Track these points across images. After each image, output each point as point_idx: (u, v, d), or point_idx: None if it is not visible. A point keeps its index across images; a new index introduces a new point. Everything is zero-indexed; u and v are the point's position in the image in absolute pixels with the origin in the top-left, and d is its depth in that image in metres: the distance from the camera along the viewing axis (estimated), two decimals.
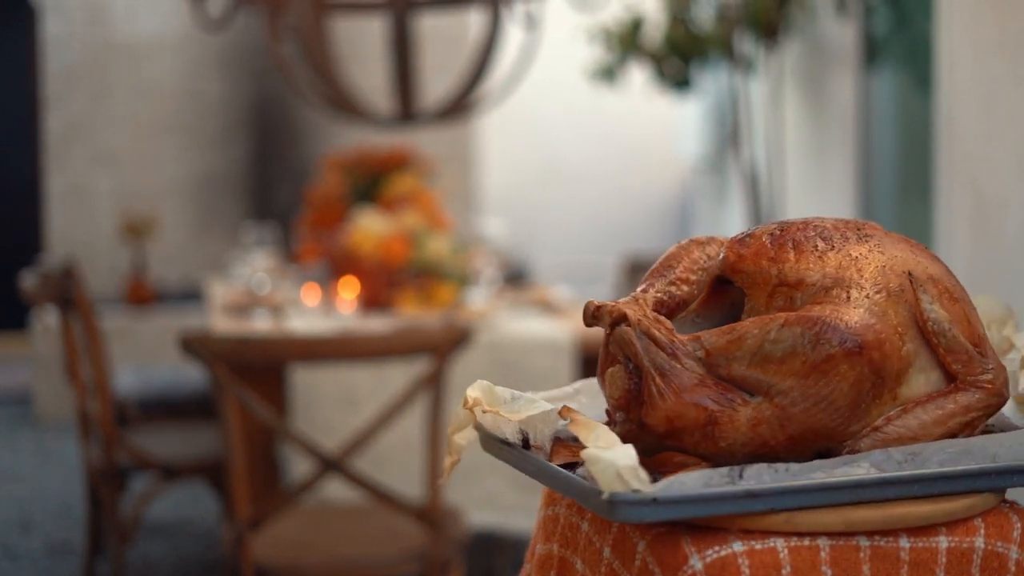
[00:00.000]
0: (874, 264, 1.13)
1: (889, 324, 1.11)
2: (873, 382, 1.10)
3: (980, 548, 1.07)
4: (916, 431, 1.11)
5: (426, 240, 3.94)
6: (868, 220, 1.24)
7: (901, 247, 1.17)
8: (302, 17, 4.22)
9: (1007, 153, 3.50)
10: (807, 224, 1.17)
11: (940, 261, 1.19)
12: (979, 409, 1.14)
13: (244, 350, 2.50)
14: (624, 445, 1.05)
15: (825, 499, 1.05)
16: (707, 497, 1.03)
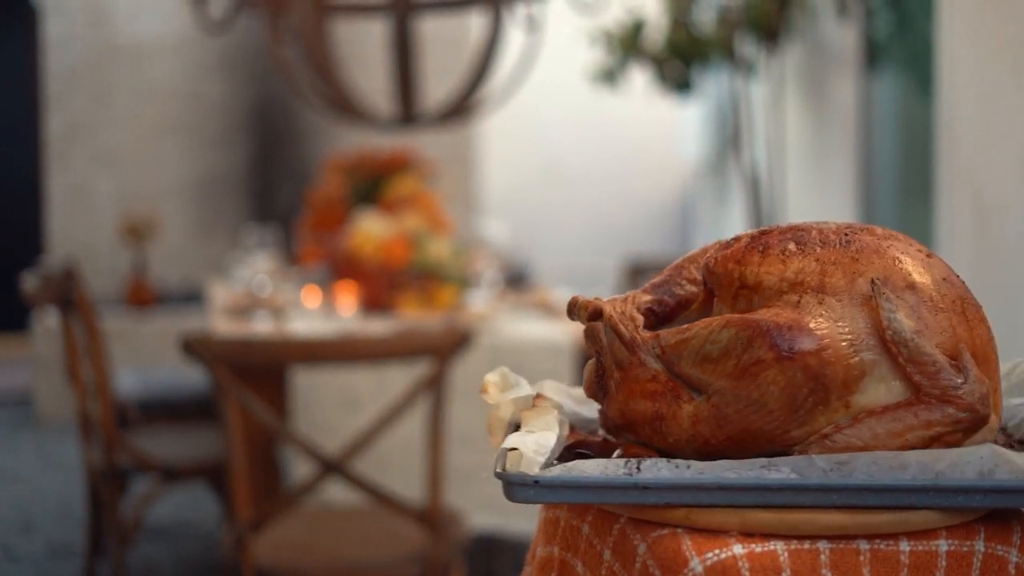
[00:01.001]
0: (841, 270, 1.11)
1: (839, 331, 1.09)
2: (811, 388, 1.09)
3: (980, 551, 1.07)
4: (867, 441, 1.08)
5: (427, 242, 3.94)
6: (872, 224, 1.23)
7: (890, 253, 1.12)
8: (303, 19, 4.22)
9: (1008, 156, 3.50)
10: (793, 228, 1.16)
11: (939, 269, 1.13)
12: (945, 424, 1.08)
13: (245, 352, 2.50)
14: (548, 433, 1.11)
15: (726, 499, 1.06)
16: (593, 484, 1.06)
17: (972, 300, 1.13)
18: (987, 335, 1.13)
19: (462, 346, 2.57)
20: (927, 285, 1.12)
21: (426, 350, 2.55)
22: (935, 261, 1.14)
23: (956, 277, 1.15)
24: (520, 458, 1.08)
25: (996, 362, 1.13)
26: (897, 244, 1.15)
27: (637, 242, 7.72)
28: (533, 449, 1.09)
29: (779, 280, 1.12)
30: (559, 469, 1.08)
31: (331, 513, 2.95)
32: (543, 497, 1.07)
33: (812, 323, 1.09)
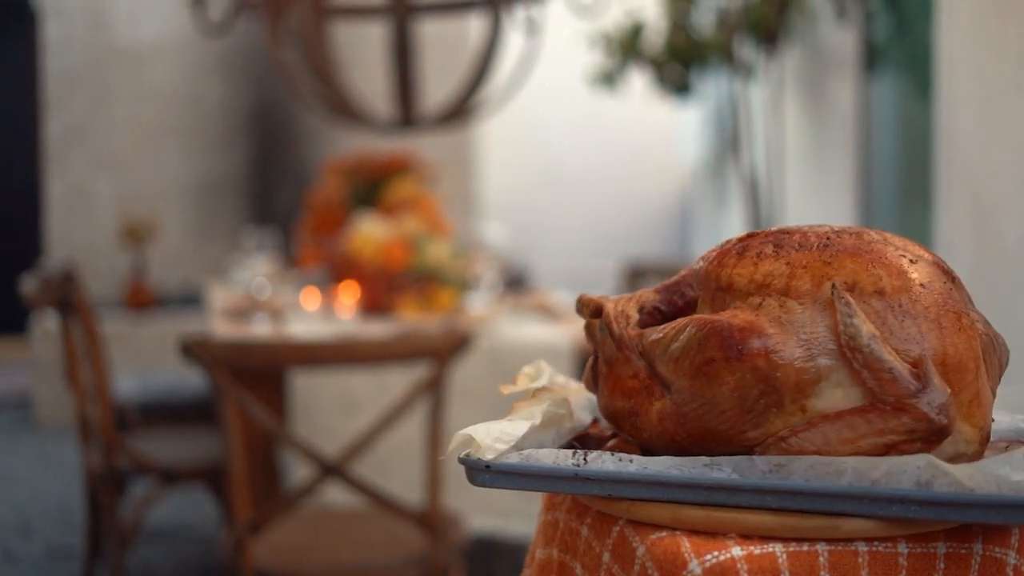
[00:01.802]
0: (810, 273, 1.11)
1: (795, 334, 1.09)
2: (762, 390, 1.09)
3: (978, 553, 1.07)
4: (820, 446, 1.08)
5: (426, 245, 3.94)
6: (873, 226, 1.22)
7: (867, 257, 1.11)
8: (303, 22, 4.23)
9: (1007, 158, 3.50)
10: (781, 230, 1.16)
11: (921, 274, 1.11)
12: (899, 433, 1.06)
13: (244, 354, 2.50)
14: (520, 423, 1.15)
15: (665, 495, 1.08)
16: (540, 473, 1.10)
17: (954, 307, 1.10)
18: (965, 344, 1.09)
19: (461, 349, 2.57)
20: (898, 290, 1.10)
21: (425, 353, 2.55)
22: (920, 266, 1.12)
23: (942, 283, 1.12)
24: (470, 443, 1.12)
25: (977, 371, 1.09)
26: (881, 248, 1.13)
27: (636, 245, 7.73)
28: (494, 436, 1.13)
29: (748, 282, 1.13)
30: (515, 457, 1.12)
31: (330, 516, 2.95)
32: (496, 482, 1.12)
33: (767, 325, 1.10)
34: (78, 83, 6.99)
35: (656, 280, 4.78)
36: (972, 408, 1.09)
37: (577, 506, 1.20)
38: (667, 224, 7.84)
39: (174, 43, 7.08)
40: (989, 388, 1.11)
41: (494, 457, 1.13)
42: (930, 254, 1.16)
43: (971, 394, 1.09)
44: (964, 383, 1.09)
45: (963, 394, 1.08)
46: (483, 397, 3.48)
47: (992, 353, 1.13)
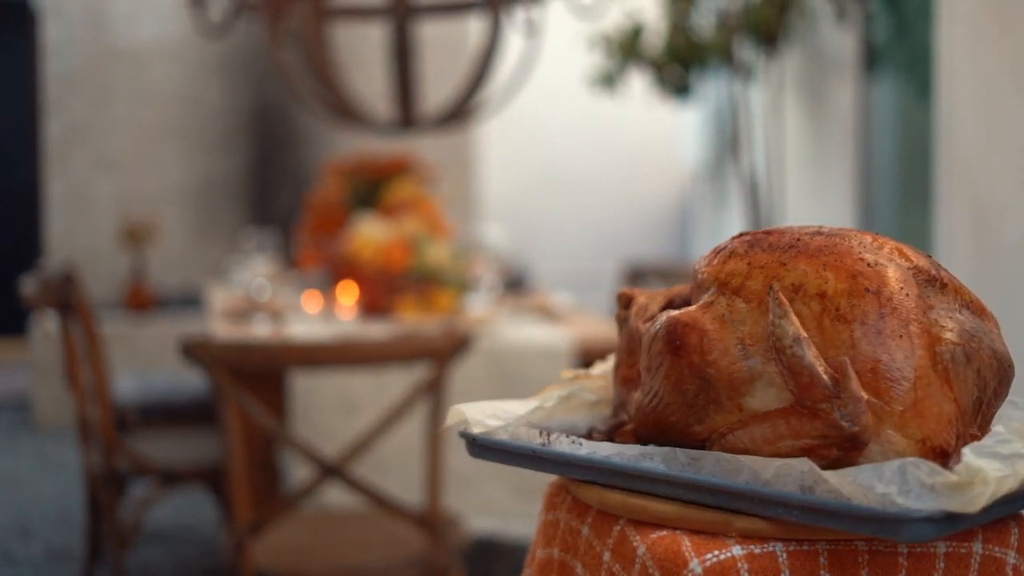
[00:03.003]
0: (764, 274, 1.11)
1: (734, 333, 1.11)
2: (699, 387, 1.11)
3: (978, 553, 1.07)
4: (748, 444, 1.10)
5: (426, 246, 3.94)
6: (867, 228, 1.22)
7: (824, 259, 1.10)
8: (303, 23, 4.23)
9: (1007, 160, 3.51)
10: (769, 230, 1.17)
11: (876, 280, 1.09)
12: (813, 437, 1.06)
13: (244, 355, 2.50)
14: (524, 403, 1.25)
15: (598, 478, 1.15)
16: (507, 449, 1.20)
17: (902, 314, 1.08)
18: (905, 352, 1.07)
19: (461, 350, 2.57)
20: (840, 294, 1.08)
21: (425, 354, 2.55)
22: (879, 270, 1.09)
23: (899, 288, 1.09)
24: (460, 418, 1.22)
25: (918, 381, 1.06)
26: (846, 250, 1.11)
27: (636, 246, 7.73)
28: (488, 413, 1.24)
29: (713, 279, 1.15)
30: (503, 434, 1.21)
31: (330, 517, 2.95)
32: (481, 454, 1.22)
33: (708, 323, 1.12)
34: (78, 84, 6.99)
35: (656, 281, 4.77)
36: (907, 418, 1.06)
37: (578, 506, 1.20)
38: (667, 225, 7.84)
39: (174, 44, 7.09)
40: (953, 399, 1.07)
41: (483, 432, 1.22)
42: (911, 259, 1.13)
43: (906, 404, 1.06)
44: (897, 392, 1.06)
45: (895, 403, 1.06)
46: (483, 398, 3.48)
47: (966, 365, 1.08)
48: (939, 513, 0.97)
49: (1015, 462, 1.01)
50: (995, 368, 1.10)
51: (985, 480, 0.97)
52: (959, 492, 0.97)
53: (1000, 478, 0.99)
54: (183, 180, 7.16)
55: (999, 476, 0.99)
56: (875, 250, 1.12)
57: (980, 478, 0.97)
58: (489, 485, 3.47)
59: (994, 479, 0.98)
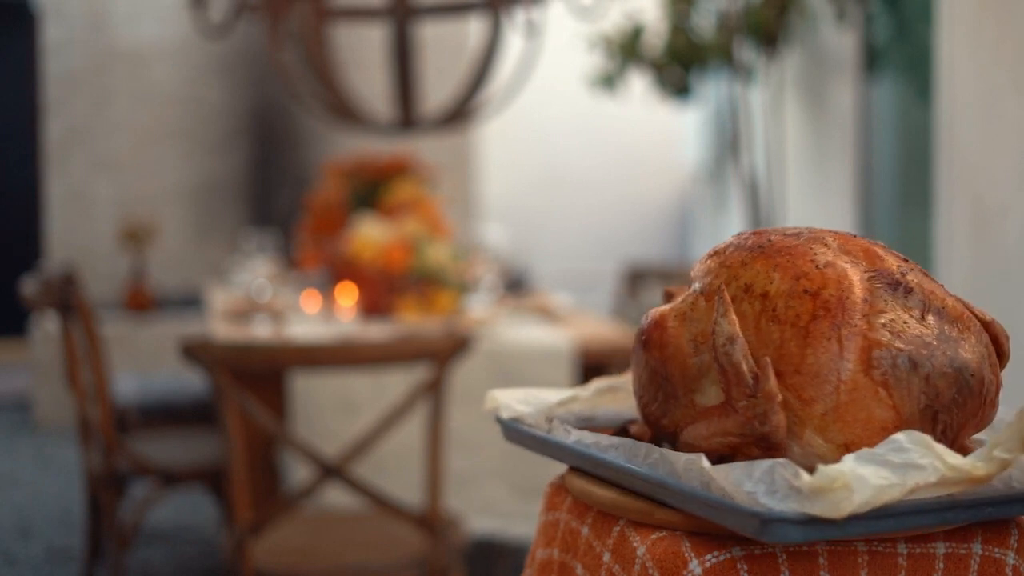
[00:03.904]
0: (727, 273, 1.13)
1: (690, 330, 1.13)
2: (660, 382, 1.15)
3: (978, 554, 1.07)
4: (694, 440, 1.12)
5: (426, 247, 3.94)
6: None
7: (777, 260, 1.11)
8: (303, 23, 4.23)
9: (1007, 161, 3.51)
10: (757, 231, 1.19)
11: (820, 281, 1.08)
12: (734, 435, 1.08)
13: (245, 356, 2.50)
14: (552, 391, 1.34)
15: (571, 462, 1.22)
16: (518, 433, 1.28)
17: (837, 317, 1.07)
18: (831, 355, 1.06)
19: (461, 351, 2.57)
20: (780, 294, 1.09)
21: (425, 354, 2.55)
22: (828, 273, 1.09)
23: (841, 291, 1.08)
24: (495, 403, 1.31)
25: (841, 385, 1.05)
26: (804, 250, 1.12)
27: (636, 247, 7.73)
28: (519, 399, 1.32)
29: (693, 278, 1.18)
30: (531, 419, 1.29)
31: (330, 517, 2.95)
32: (509, 437, 1.31)
33: (671, 320, 1.15)
34: (78, 85, 7.00)
35: (655, 283, 4.77)
36: (828, 422, 1.05)
37: (578, 506, 1.21)
38: (667, 226, 7.85)
39: (174, 45, 7.09)
40: (890, 406, 1.05)
41: (510, 416, 1.30)
42: (878, 262, 1.12)
43: (828, 407, 1.05)
44: (819, 395, 1.06)
45: (816, 406, 1.05)
46: (483, 399, 3.48)
47: (911, 372, 1.06)
48: (800, 515, 0.97)
49: (906, 471, 0.99)
50: (951, 377, 1.07)
51: (848, 486, 0.96)
52: (822, 496, 0.96)
53: (881, 486, 0.97)
54: (183, 181, 7.16)
55: (879, 484, 0.97)
56: (839, 252, 1.12)
57: (841, 483, 0.96)
58: (489, 486, 3.48)
59: (873, 486, 0.97)
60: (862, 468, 0.98)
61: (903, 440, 1.00)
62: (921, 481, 0.99)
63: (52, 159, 6.98)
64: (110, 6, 7.00)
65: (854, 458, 0.99)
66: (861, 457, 1.00)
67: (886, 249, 1.15)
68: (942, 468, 0.99)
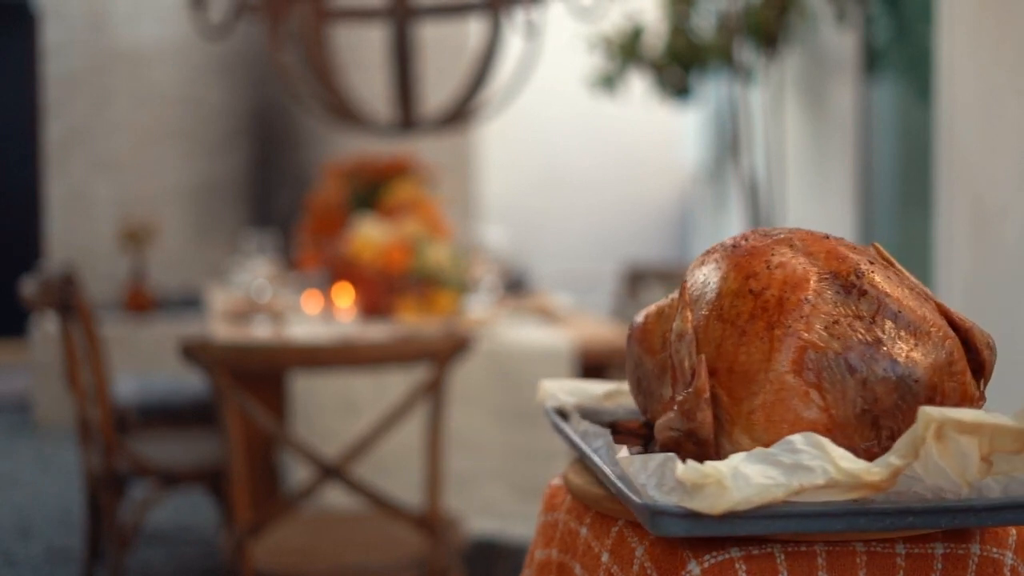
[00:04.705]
0: (700, 273, 1.16)
1: (661, 327, 1.18)
2: (640, 374, 1.20)
3: (976, 554, 1.07)
4: (656, 433, 1.15)
5: (426, 248, 3.94)
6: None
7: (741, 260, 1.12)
8: (303, 24, 4.23)
9: (1007, 162, 3.51)
10: (749, 231, 1.21)
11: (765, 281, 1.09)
12: (675, 429, 1.10)
13: (245, 357, 2.50)
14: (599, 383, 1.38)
15: (575, 453, 1.27)
16: (554, 423, 1.32)
17: (773, 317, 1.07)
18: (762, 354, 1.07)
19: (461, 351, 2.57)
20: (729, 294, 1.11)
21: (425, 355, 2.55)
22: (776, 273, 1.10)
23: (781, 291, 1.08)
24: (544, 393, 1.37)
25: (767, 384, 1.06)
26: (764, 250, 1.13)
27: (636, 248, 7.73)
28: (566, 390, 1.36)
29: (685, 276, 1.21)
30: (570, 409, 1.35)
31: (330, 518, 2.95)
32: (552, 424, 1.35)
33: (652, 316, 1.19)
34: (78, 86, 7.00)
35: (655, 283, 4.77)
36: (755, 421, 1.06)
37: (576, 506, 1.21)
38: (667, 227, 7.84)
39: (174, 46, 7.09)
40: (822, 408, 1.05)
41: (553, 406, 1.35)
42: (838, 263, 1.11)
43: (754, 406, 1.06)
44: (747, 394, 1.06)
45: (744, 404, 1.06)
46: (483, 399, 3.48)
47: (846, 375, 1.05)
48: (682, 509, 0.98)
49: (794, 472, 0.99)
50: (891, 383, 1.06)
51: (721, 483, 0.97)
52: (700, 492, 0.98)
53: (766, 486, 0.98)
54: (183, 181, 7.16)
55: (763, 483, 0.98)
56: (800, 253, 1.12)
57: (714, 480, 0.97)
58: (489, 486, 3.48)
59: (756, 485, 0.97)
60: (749, 466, 0.99)
61: (797, 441, 1.01)
62: (807, 483, 0.99)
63: (52, 159, 6.98)
64: (110, 6, 7.00)
65: (744, 456, 1.01)
66: (753, 456, 1.01)
67: (858, 250, 1.14)
68: (832, 471, 0.99)
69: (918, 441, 1.00)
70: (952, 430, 0.99)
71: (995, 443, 1.00)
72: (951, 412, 0.99)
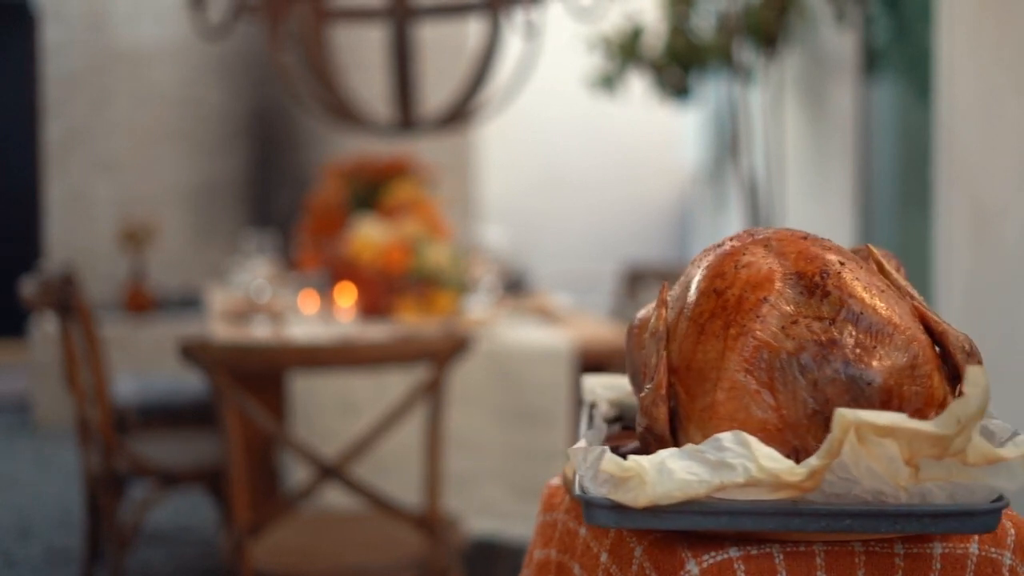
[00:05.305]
0: (685, 275, 1.19)
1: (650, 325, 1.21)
2: (637, 367, 1.23)
3: (974, 554, 1.07)
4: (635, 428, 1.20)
5: (426, 248, 3.94)
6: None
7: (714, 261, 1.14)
8: (302, 24, 4.23)
9: (1007, 162, 3.51)
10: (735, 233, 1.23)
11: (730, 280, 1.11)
12: (639, 424, 1.13)
13: (244, 357, 2.50)
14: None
15: None
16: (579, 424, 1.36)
17: (729, 317, 1.08)
18: (716, 353, 1.08)
19: (461, 351, 2.57)
20: (699, 292, 1.12)
21: (425, 355, 2.55)
22: (741, 273, 1.11)
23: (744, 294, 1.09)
24: (584, 387, 1.39)
25: (719, 382, 1.07)
26: (736, 250, 1.14)
27: (636, 248, 7.73)
28: (605, 386, 1.39)
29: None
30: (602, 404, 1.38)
31: (329, 518, 2.95)
32: None
33: (649, 311, 1.22)
34: (78, 86, 7.00)
35: (655, 283, 4.77)
36: (706, 418, 1.07)
37: (575, 506, 1.21)
38: (666, 227, 7.85)
39: (173, 46, 7.09)
40: (773, 407, 1.06)
41: (591, 400, 1.37)
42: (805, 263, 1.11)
43: (706, 404, 1.07)
44: (701, 391, 1.08)
45: (698, 401, 1.07)
46: (482, 399, 3.48)
47: (798, 376, 1.06)
48: (607, 501, 1.01)
49: (716, 470, 1.01)
50: (843, 385, 1.06)
51: (640, 477, 1.00)
52: (623, 485, 1.00)
53: (688, 481, 1.00)
54: (183, 182, 7.16)
55: (686, 479, 1.00)
56: (772, 253, 1.13)
57: (634, 474, 1.00)
58: (488, 486, 3.48)
59: (678, 480, 1.00)
60: (675, 462, 1.01)
61: (725, 439, 1.02)
62: (728, 480, 1.00)
63: (52, 160, 6.98)
64: (110, 7, 7.00)
65: (674, 452, 1.03)
66: (682, 451, 1.03)
67: (834, 250, 1.14)
68: (753, 470, 1.00)
69: (835, 443, 1.00)
70: (870, 433, 0.99)
71: (914, 447, 0.99)
72: (866, 415, 0.99)
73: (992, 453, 0.99)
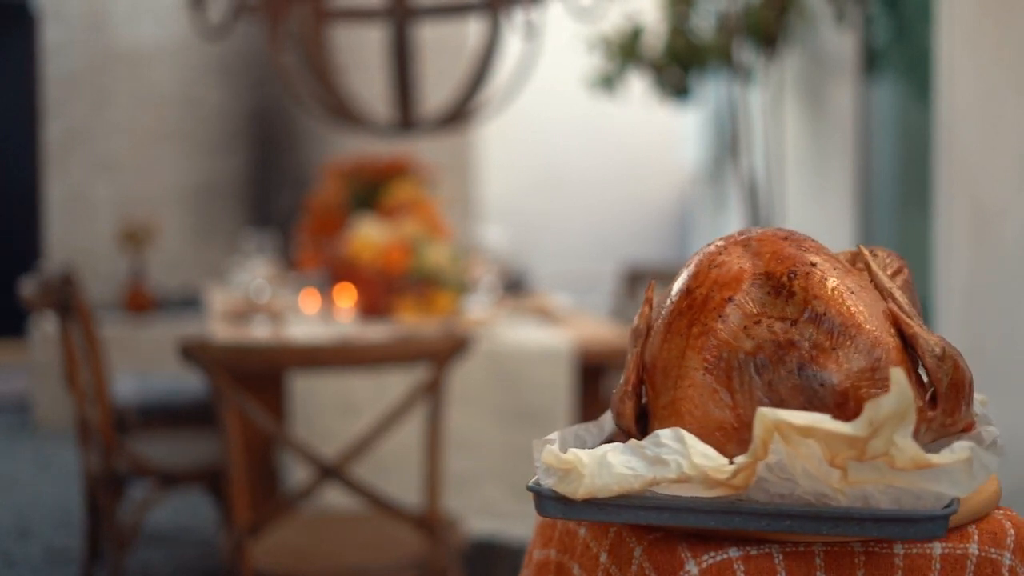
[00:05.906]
0: (677, 275, 1.20)
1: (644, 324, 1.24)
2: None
3: (974, 554, 1.07)
4: None
5: (426, 248, 3.94)
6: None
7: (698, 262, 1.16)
8: (302, 25, 4.23)
9: (1006, 162, 3.51)
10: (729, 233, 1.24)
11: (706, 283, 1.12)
12: (612, 419, 1.16)
13: (244, 357, 2.50)
14: None
15: None
16: None
17: (693, 316, 1.09)
18: (677, 351, 1.09)
19: (460, 352, 2.57)
20: (674, 294, 1.14)
21: (424, 355, 2.55)
22: (712, 273, 1.12)
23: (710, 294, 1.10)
24: None
25: (681, 380, 1.08)
26: (715, 250, 1.16)
27: (635, 248, 7.73)
28: None
29: None
30: None
31: (329, 518, 2.95)
32: None
33: (648, 307, 1.21)
34: (77, 86, 6.99)
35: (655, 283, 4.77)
36: (667, 415, 1.09)
37: None
38: (666, 228, 7.85)
39: (173, 46, 7.09)
40: (730, 406, 1.06)
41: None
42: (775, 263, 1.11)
43: (667, 401, 1.09)
44: (663, 388, 1.10)
45: (661, 398, 1.09)
46: (482, 399, 3.48)
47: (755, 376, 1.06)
48: (552, 492, 1.04)
49: (652, 465, 1.03)
50: (797, 386, 1.06)
51: (576, 470, 1.02)
52: (566, 478, 1.03)
53: (625, 476, 1.02)
54: (183, 182, 7.16)
55: (623, 473, 1.02)
56: (747, 254, 1.13)
57: (571, 467, 1.03)
58: (488, 486, 3.48)
59: (615, 474, 1.02)
60: (615, 456, 1.03)
61: (664, 435, 1.04)
62: (660, 476, 1.02)
63: (52, 160, 6.98)
64: (110, 7, 7.00)
65: (616, 446, 1.05)
66: (625, 446, 1.05)
67: (813, 250, 1.13)
68: (684, 466, 1.02)
69: (759, 442, 1.00)
70: (791, 433, 0.99)
71: (832, 448, 0.99)
72: (785, 414, 0.99)
73: (922, 459, 0.98)
